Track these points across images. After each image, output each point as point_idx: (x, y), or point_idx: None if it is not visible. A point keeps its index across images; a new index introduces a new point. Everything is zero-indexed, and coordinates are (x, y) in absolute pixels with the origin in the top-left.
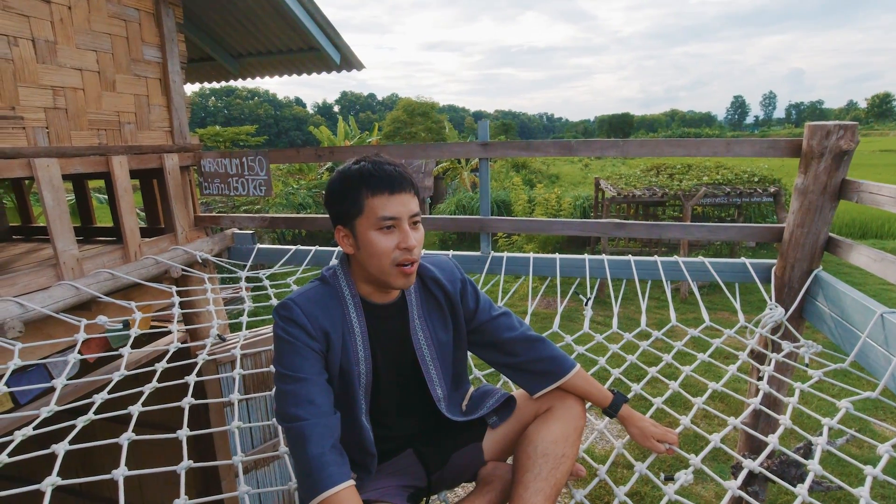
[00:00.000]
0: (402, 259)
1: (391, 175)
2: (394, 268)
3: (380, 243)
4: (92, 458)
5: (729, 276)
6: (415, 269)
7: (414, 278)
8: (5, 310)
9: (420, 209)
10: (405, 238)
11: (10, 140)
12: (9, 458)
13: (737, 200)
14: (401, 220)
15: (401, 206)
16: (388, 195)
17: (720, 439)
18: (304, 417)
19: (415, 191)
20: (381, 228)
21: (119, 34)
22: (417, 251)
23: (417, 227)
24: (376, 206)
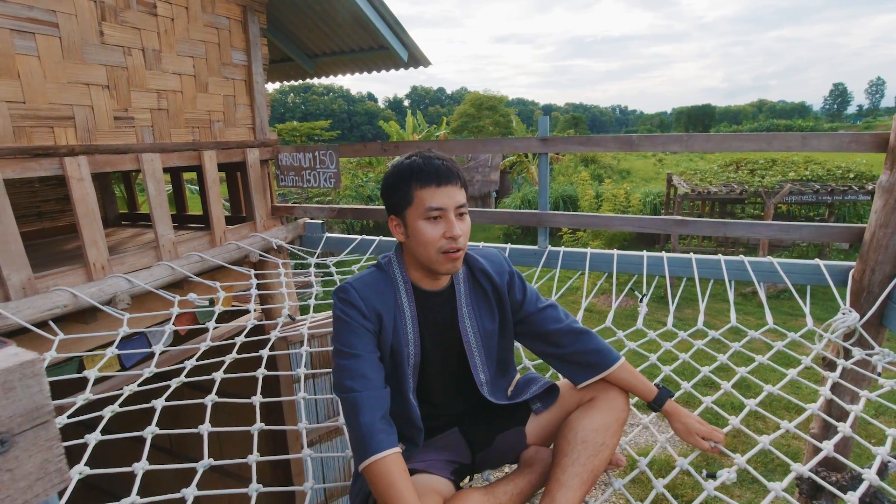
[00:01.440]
0: (448, 247)
1: (439, 168)
2: (440, 255)
3: (427, 232)
4: (180, 419)
5: (800, 279)
6: (460, 255)
7: (460, 264)
8: (117, 285)
9: (467, 201)
10: (450, 228)
11: (123, 138)
12: (119, 407)
13: (827, 199)
14: (447, 211)
15: (446, 198)
16: (436, 187)
17: (769, 442)
18: (358, 389)
19: (462, 184)
20: (429, 218)
21: (212, 41)
22: (463, 240)
23: (463, 218)
24: (424, 197)
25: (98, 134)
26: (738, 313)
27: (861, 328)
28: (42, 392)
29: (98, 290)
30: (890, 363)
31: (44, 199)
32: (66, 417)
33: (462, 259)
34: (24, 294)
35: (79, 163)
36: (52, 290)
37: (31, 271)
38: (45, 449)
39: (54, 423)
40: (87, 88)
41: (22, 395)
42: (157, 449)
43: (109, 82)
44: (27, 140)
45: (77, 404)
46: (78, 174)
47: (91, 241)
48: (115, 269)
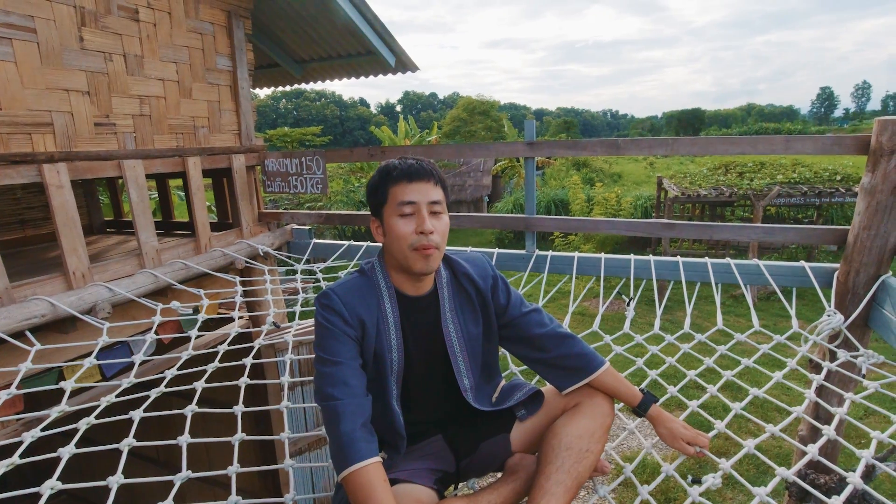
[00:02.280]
0: (419, 243)
1: (411, 165)
2: (412, 251)
3: (399, 227)
4: (166, 429)
5: (786, 281)
6: (433, 253)
7: (434, 263)
8: (98, 293)
9: (446, 202)
10: (421, 222)
11: (105, 144)
12: (96, 419)
13: (815, 201)
14: (419, 206)
15: (418, 193)
16: (407, 182)
17: (754, 446)
18: (339, 397)
19: (437, 181)
20: (402, 214)
21: (196, 46)
22: (436, 238)
23: (438, 216)
24: (397, 192)
25: (78, 140)
26: (729, 315)
27: (846, 330)
28: None
29: (78, 299)
30: (874, 365)
31: (27, 207)
32: (40, 430)
33: (437, 259)
34: (1, 303)
35: (58, 170)
36: (29, 300)
37: (7, 280)
38: None
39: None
40: (67, 94)
41: None
42: (145, 459)
43: (90, 88)
44: (4, 147)
45: (51, 417)
46: (57, 181)
47: (71, 248)
48: (96, 278)
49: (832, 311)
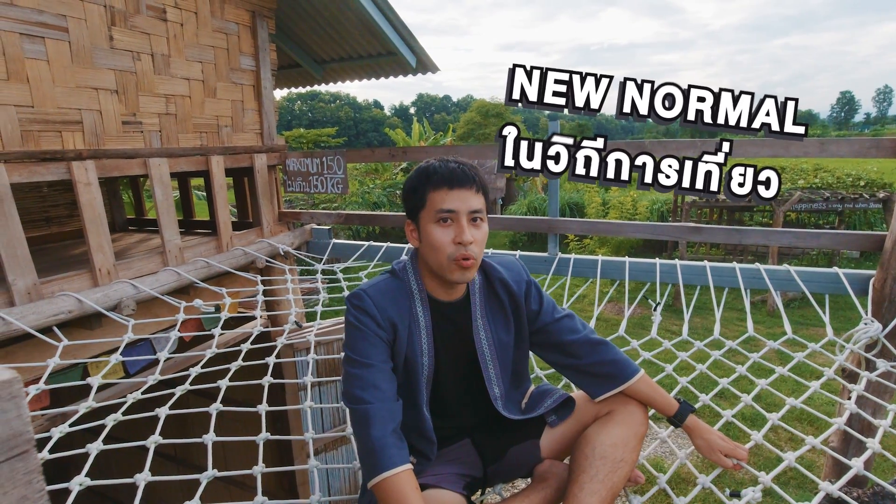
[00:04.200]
0: (458, 254)
1: (452, 171)
2: (450, 262)
3: (437, 236)
4: (185, 427)
5: (818, 287)
6: (471, 264)
7: (471, 274)
8: (122, 290)
9: (486, 208)
10: (460, 233)
11: (131, 142)
12: (122, 416)
13: (838, 207)
14: (458, 215)
15: (458, 201)
16: (448, 190)
17: (795, 459)
18: (369, 401)
19: (479, 188)
20: (439, 221)
21: (221, 46)
22: (475, 248)
23: (478, 225)
24: (436, 199)
25: (106, 138)
26: (740, 323)
27: (884, 339)
28: (21, 417)
29: (103, 296)
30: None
31: (52, 204)
32: (69, 426)
33: (474, 269)
34: (30, 299)
35: (86, 167)
36: (57, 296)
37: (36, 276)
38: (23, 484)
39: (34, 453)
40: (96, 93)
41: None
42: (162, 456)
43: (118, 87)
44: (35, 144)
45: (80, 412)
46: (85, 178)
47: (97, 246)
48: (121, 275)
49: (869, 320)
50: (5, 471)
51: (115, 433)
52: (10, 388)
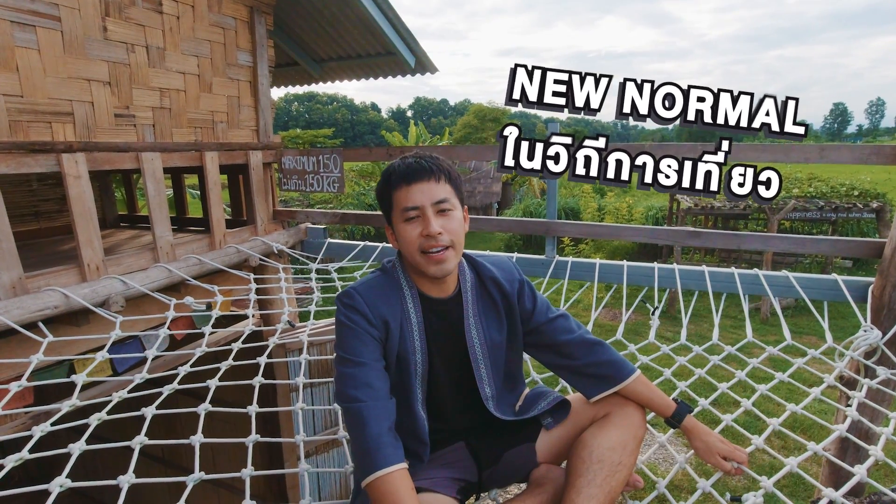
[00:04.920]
0: (426, 246)
1: (409, 166)
2: (421, 256)
3: (406, 234)
4: (172, 427)
5: (817, 294)
6: (444, 256)
7: (449, 266)
8: (111, 286)
9: (459, 196)
10: (426, 225)
11: (123, 136)
12: (108, 415)
13: (831, 216)
14: (423, 208)
15: (419, 194)
16: (406, 186)
17: (797, 464)
18: (363, 399)
19: (440, 177)
20: (407, 220)
21: (217, 41)
22: (446, 238)
23: (447, 214)
24: (399, 198)
25: (98, 131)
26: (734, 331)
27: (884, 346)
28: None
29: (91, 291)
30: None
31: (42, 199)
32: (50, 425)
33: (451, 260)
34: (14, 293)
35: (76, 160)
36: (43, 291)
37: (22, 270)
38: None
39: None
40: (88, 84)
41: None
42: (148, 457)
43: (111, 79)
44: (24, 135)
45: (63, 411)
46: (75, 171)
47: (86, 240)
48: (110, 271)
49: (869, 327)
50: None
51: (101, 433)
52: None
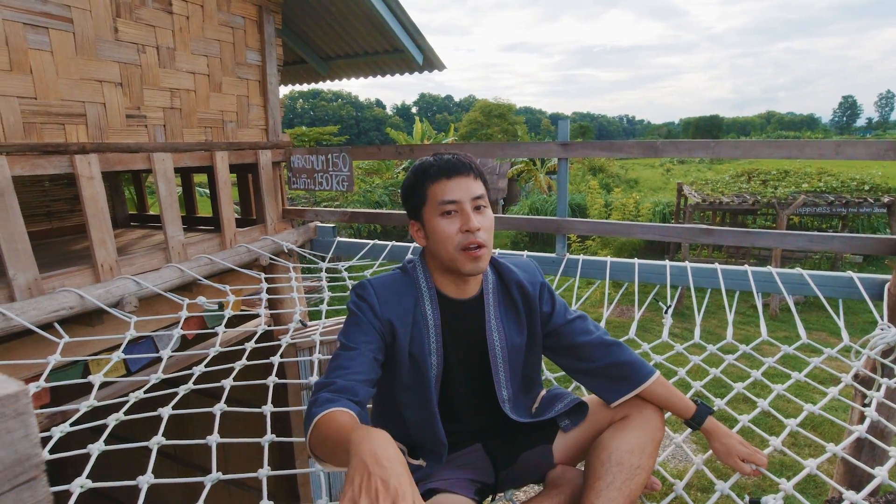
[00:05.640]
0: (466, 242)
1: (449, 161)
2: (460, 252)
3: (443, 229)
4: (185, 426)
5: (831, 292)
6: (482, 253)
7: (484, 264)
8: (124, 286)
9: (487, 194)
10: (466, 220)
11: (135, 136)
12: (125, 416)
13: (842, 211)
14: (462, 203)
15: (459, 189)
16: (447, 180)
17: (816, 466)
18: (330, 377)
19: (476, 175)
20: (444, 214)
21: (227, 40)
22: (483, 235)
23: (482, 212)
24: (437, 191)
25: (110, 132)
26: (749, 326)
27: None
28: (28, 438)
29: (105, 292)
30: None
31: (54, 199)
32: (69, 426)
33: (486, 258)
34: (30, 294)
35: (89, 161)
36: (58, 291)
37: (37, 271)
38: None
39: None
40: (100, 85)
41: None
42: (163, 455)
43: (122, 80)
44: (37, 137)
45: (81, 411)
46: (88, 172)
47: (100, 241)
48: (123, 271)
49: (886, 325)
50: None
51: (116, 432)
52: (15, 403)
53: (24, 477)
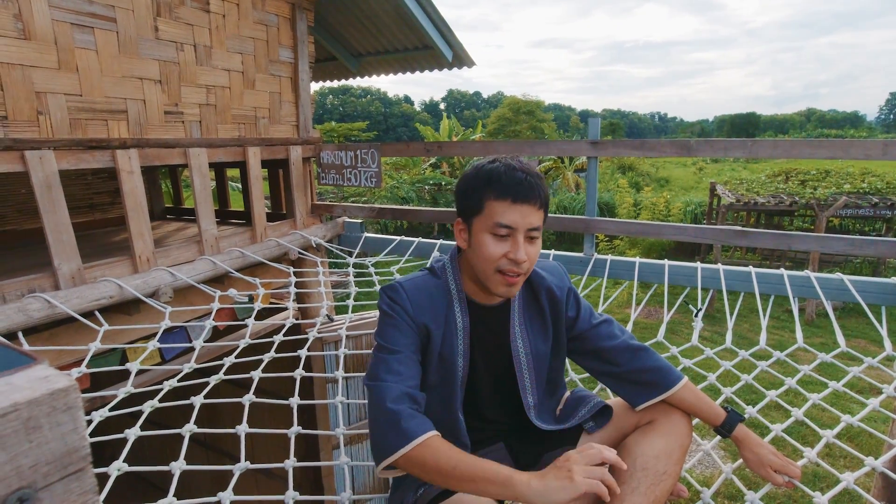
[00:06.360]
0: (507, 268)
1: (519, 183)
2: (496, 274)
3: (489, 247)
4: (215, 415)
5: (873, 298)
6: (518, 281)
7: (516, 290)
8: (160, 278)
9: (543, 224)
10: (515, 249)
11: (172, 132)
12: (159, 403)
13: (886, 213)
14: (516, 231)
15: (519, 217)
16: (510, 203)
17: (853, 480)
18: (387, 380)
19: (541, 204)
20: (495, 234)
21: (261, 38)
22: (527, 266)
23: (534, 242)
24: (496, 210)
25: (149, 128)
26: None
27: None
28: (77, 431)
29: (143, 283)
30: None
31: (96, 192)
32: (108, 410)
33: (520, 284)
34: (73, 283)
35: (129, 156)
36: (99, 281)
37: (80, 261)
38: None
39: (90, 471)
40: (141, 83)
41: (50, 437)
42: (192, 441)
43: (161, 77)
44: (82, 132)
45: (119, 397)
46: (129, 167)
47: (138, 233)
48: (159, 262)
49: None
50: (59, 491)
51: (151, 418)
52: (66, 397)
53: (73, 468)
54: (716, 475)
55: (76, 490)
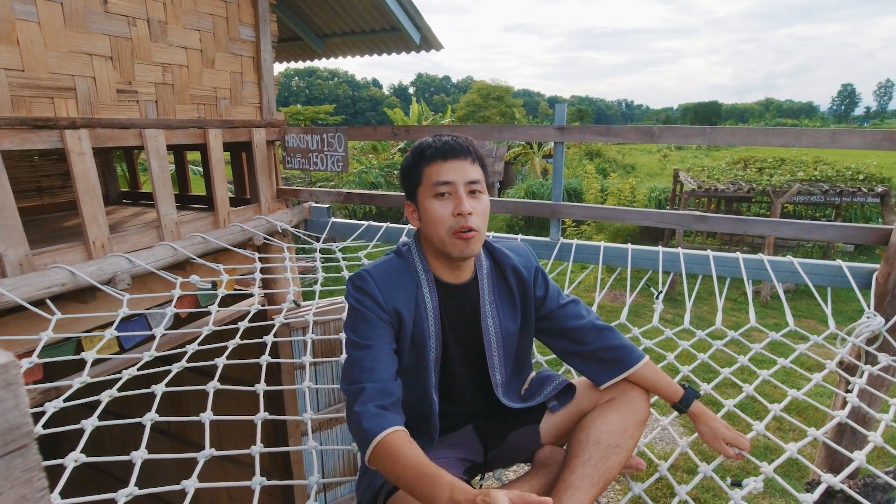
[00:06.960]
0: (458, 226)
1: (446, 143)
2: (450, 236)
3: (435, 210)
4: (180, 403)
5: (820, 280)
6: (472, 236)
7: (475, 247)
8: (117, 264)
9: (486, 182)
10: (459, 203)
11: (126, 112)
12: (118, 392)
13: (836, 200)
14: (455, 186)
15: (454, 172)
16: (442, 161)
17: (797, 450)
18: (360, 382)
19: (474, 159)
20: (437, 195)
21: (220, 14)
22: (476, 220)
23: (477, 196)
24: (431, 172)
25: (100, 107)
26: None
27: (886, 333)
28: (19, 408)
29: (98, 269)
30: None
31: (44, 174)
32: (63, 401)
33: (477, 242)
34: (22, 271)
35: (80, 136)
36: (50, 268)
37: (28, 248)
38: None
39: (34, 448)
40: (90, 59)
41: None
42: (156, 431)
43: (113, 53)
44: (26, 110)
45: (74, 387)
46: (79, 148)
47: (91, 218)
48: (115, 248)
49: (872, 314)
50: (1, 468)
51: (110, 408)
52: (5, 373)
53: (15, 445)
54: (674, 450)
55: (20, 466)
